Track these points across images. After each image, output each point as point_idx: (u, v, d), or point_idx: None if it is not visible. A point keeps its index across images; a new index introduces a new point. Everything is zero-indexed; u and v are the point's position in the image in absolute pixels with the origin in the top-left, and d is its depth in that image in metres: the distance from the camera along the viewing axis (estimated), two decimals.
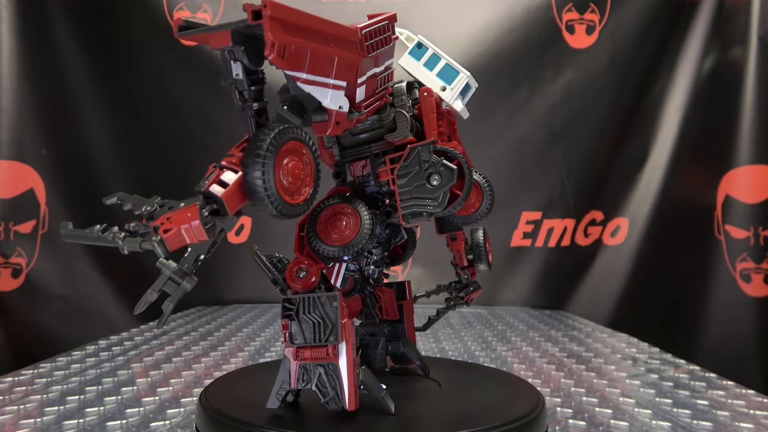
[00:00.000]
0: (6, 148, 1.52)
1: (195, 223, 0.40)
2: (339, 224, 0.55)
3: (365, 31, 0.50)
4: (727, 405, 0.74)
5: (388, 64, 0.56)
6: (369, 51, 0.50)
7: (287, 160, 0.43)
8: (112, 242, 0.40)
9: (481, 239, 0.75)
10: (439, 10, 1.65)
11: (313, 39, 0.44)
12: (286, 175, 0.43)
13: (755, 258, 1.58)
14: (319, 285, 0.54)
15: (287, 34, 0.41)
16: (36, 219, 1.55)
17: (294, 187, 0.44)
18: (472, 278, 0.77)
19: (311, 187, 0.46)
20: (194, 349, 1.03)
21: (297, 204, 0.44)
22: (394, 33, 0.55)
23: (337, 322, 0.51)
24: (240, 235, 1.66)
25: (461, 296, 0.76)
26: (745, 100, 1.58)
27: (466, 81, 0.62)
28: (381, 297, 0.72)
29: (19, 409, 0.68)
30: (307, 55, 0.44)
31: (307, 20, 0.44)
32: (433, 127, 0.58)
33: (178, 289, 0.46)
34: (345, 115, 0.50)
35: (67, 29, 1.56)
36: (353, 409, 0.52)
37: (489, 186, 0.66)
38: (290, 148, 0.44)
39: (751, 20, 1.58)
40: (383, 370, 0.70)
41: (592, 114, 1.65)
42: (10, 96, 1.52)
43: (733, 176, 1.60)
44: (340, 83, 0.48)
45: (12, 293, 1.52)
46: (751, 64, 1.58)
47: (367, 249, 0.55)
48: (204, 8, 1.63)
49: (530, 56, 1.64)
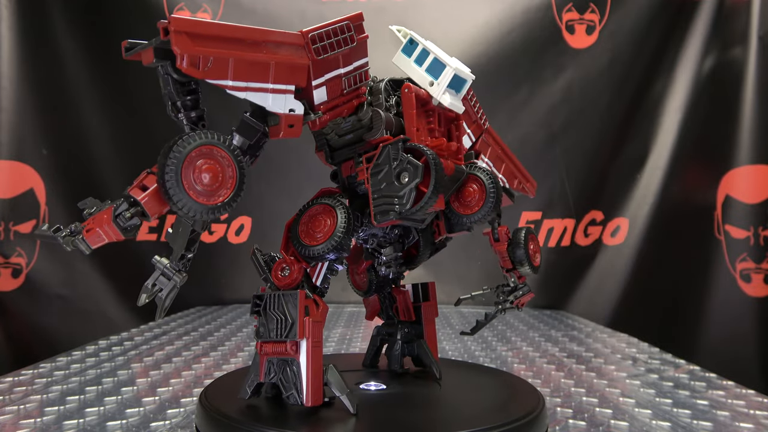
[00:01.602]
0: (6, 148, 1.52)
1: (110, 224, 0.44)
2: (319, 224, 0.56)
3: (312, 35, 0.51)
4: (727, 405, 0.74)
5: (359, 64, 0.56)
6: (320, 53, 0.52)
7: (201, 164, 0.45)
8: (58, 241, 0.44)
9: (521, 239, 0.71)
10: (439, 10, 1.65)
11: (234, 48, 0.47)
12: (199, 178, 0.45)
13: (755, 258, 1.58)
14: (301, 283, 0.55)
15: (197, 45, 0.44)
16: (36, 219, 1.55)
17: (210, 189, 0.45)
18: (519, 281, 0.72)
19: (232, 190, 0.47)
20: (194, 349, 1.03)
21: (214, 205, 0.46)
22: (362, 32, 0.55)
23: (296, 320, 0.53)
24: (240, 235, 1.66)
25: (510, 300, 0.72)
26: (745, 100, 1.58)
27: (453, 74, 0.59)
28: (397, 297, 0.71)
29: (19, 409, 0.68)
30: (229, 64, 0.46)
31: (225, 31, 0.47)
32: (411, 123, 0.57)
33: (169, 284, 0.50)
34: (299, 117, 0.51)
35: (67, 29, 1.56)
36: (310, 405, 0.53)
37: (493, 184, 0.64)
38: (204, 153, 0.45)
39: (751, 20, 1.58)
40: (398, 370, 0.70)
41: (592, 114, 1.65)
42: (10, 96, 1.52)
43: (733, 176, 1.61)
44: (284, 87, 0.50)
45: (12, 293, 1.52)
46: (751, 64, 1.58)
47: (343, 248, 0.55)
48: (204, 8, 1.63)
49: (530, 56, 1.64)
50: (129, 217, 0.44)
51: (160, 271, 0.50)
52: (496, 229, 0.71)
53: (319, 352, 0.54)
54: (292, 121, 0.51)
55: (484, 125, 0.70)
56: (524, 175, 0.78)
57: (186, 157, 0.44)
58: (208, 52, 0.45)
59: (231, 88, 0.47)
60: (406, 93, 0.58)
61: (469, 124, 0.68)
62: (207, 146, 0.45)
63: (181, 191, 0.44)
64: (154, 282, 0.50)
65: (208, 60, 0.45)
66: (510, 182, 0.75)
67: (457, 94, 0.62)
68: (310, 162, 0.66)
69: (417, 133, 0.57)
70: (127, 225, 0.45)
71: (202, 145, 0.45)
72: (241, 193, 0.47)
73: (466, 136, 0.68)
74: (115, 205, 0.45)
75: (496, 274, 0.74)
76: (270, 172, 1.62)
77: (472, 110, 0.68)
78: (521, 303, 0.73)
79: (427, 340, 0.71)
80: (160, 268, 0.50)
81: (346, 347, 1.07)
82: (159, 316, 0.51)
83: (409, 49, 0.60)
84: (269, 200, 1.62)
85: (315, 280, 0.57)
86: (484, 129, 0.71)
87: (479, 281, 1.67)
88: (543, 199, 1.66)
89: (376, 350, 0.74)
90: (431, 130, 0.59)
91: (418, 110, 0.59)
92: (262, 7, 1.62)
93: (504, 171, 0.75)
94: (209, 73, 0.46)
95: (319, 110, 0.54)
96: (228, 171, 0.46)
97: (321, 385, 0.54)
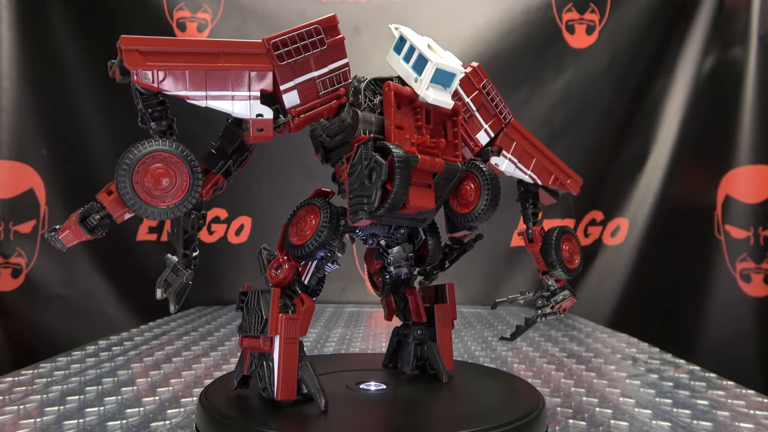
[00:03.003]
0: (6, 148, 1.52)
1: (76, 225, 0.50)
2: (306, 223, 0.58)
3: (274, 41, 0.53)
4: (727, 405, 0.74)
5: (336, 66, 0.57)
6: (283, 59, 0.54)
7: (153, 169, 0.49)
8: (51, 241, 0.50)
9: (552, 240, 0.67)
10: (439, 10, 1.65)
11: (188, 60, 0.50)
12: (152, 182, 0.49)
13: (755, 258, 1.58)
14: (293, 281, 0.57)
15: (148, 61, 0.49)
16: (36, 219, 1.55)
17: (163, 193, 0.50)
18: (558, 285, 0.69)
19: (185, 192, 0.50)
20: (194, 349, 1.03)
21: (167, 207, 0.50)
22: (335, 35, 0.56)
23: (268, 316, 0.55)
24: (240, 235, 1.66)
25: (550, 305, 0.68)
26: (745, 100, 1.58)
27: (435, 69, 0.57)
28: (409, 298, 0.70)
29: (19, 409, 0.68)
30: (185, 75, 0.50)
31: (177, 45, 0.51)
32: (390, 121, 0.57)
33: (177, 279, 0.54)
34: (268, 121, 0.54)
35: (67, 29, 1.56)
36: (280, 399, 0.55)
37: (488, 183, 0.61)
38: (158, 158, 0.49)
39: (751, 20, 1.58)
40: (409, 371, 0.69)
41: (592, 114, 1.65)
42: (10, 96, 1.52)
43: (733, 176, 1.61)
44: (248, 93, 0.53)
45: (12, 293, 1.52)
46: (751, 64, 1.58)
47: (328, 246, 0.57)
48: (204, 8, 1.63)
49: (530, 56, 1.64)
50: (99, 219, 0.50)
51: (170, 268, 0.55)
52: (530, 228, 0.68)
53: (293, 349, 0.55)
54: (260, 125, 0.54)
55: (505, 119, 0.68)
56: (563, 170, 0.74)
57: (136, 163, 0.48)
58: (159, 66, 0.49)
59: (190, 98, 0.51)
60: (386, 91, 0.58)
61: (487, 119, 0.67)
62: (158, 152, 0.49)
63: (134, 195, 0.48)
64: (166, 278, 0.55)
65: (160, 74, 0.50)
66: (544, 179, 0.71)
67: (446, 89, 0.59)
68: (310, 162, 0.66)
69: (400, 132, 0.57)
70: (96, 226, 0.50)
71: (153, 151, 0.49)
72: (194, 194, 0.50)
73: (483, 132, 0.66)
74: (82, 209, 0.50)
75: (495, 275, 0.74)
76: (270, 172, 1.62)
77: (489, 104, 0.67)
78: (562, 309, 0.69)
79: (439, 344, 0.69)
80: (170, 265, 0.55)
81: (346, 347, 1.07)
82: (173, 310, 0.55)
83: (399, 47, 0.59)
84: (269, 200, 1.62)
85: (304, 278, 0.59)
86: (506, 123, 0.68)
87: (479, 281, 1.67)
88: None
89: (393, 351, 0.73)
90: (418, 127, 0.58)
91: (405, 108, 0.58)
92: (261, 7, 1.62)
93: (534, 167, 0.70)
94: (164, 85, 0.50)
95: (290, 113, 0.55)
96: (181, 175, 0.50)
97: (294, 380, 0.55)
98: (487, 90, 0.67)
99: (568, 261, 0.68)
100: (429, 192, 0.58)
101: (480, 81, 0.67)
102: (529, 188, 0.73)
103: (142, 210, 0.49)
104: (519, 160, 0.69)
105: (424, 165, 0.56)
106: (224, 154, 0.59)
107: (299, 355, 0.56)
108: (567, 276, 0.68)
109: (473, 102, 0.66)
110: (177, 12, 1.61)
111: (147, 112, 0.53)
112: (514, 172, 0.69)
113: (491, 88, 0.67)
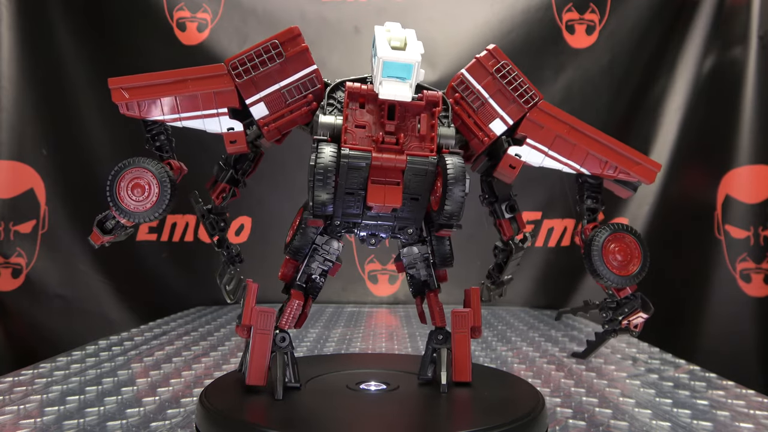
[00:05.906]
0: (6, 148, 1.52)
1: (94, 228, 0.62)
2: (294, 222, 0.63)
3: (232, 62, 0.59)
4: (727, 405, 0.74)
5: (302, 75, 0.60)
6: (241, 76, 0.59)
7: (133, 180, 0.60)
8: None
9: (593, 243, 0.59)
10: (438, 10, 1.65)
11: (162, 90, 0.60)
12: (132, 192, 0.60)
13: (755, 258, 1.58)
14: (293, 278, 0.63)
15: (131, 96, 0.60)
16: (36, 219, 1.55)
17: (139, 200, 0.60)
18: (619, 295, 0.60)
19: (157, 198, 0.60)
20: (194, 349, 1.03)
21: (144, 212, 0.60)
22: (295, 46, 0.59)
23: (243, 307, 0.61)
24: (240, 235, 1.66)
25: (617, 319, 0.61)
26: (745, 100, 1.58)
27: (383, 63, 0.54)
28: (430, 301, 0.66)
29: (19, 409, 0.68)
30: (160, 103, 0.60)
31: (152, 78, 0.60)
32: (344, 122, 0.58)
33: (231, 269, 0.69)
34: (240, 133, 0.61)
35: (67, 29, 1.56)
36: (249, 384, 0.59)
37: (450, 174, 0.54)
38: (135, 174, 0.60)
39: (751, 20, 1.58)
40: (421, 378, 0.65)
41: (591, 114, 1.65)
42: (10, 96, 1.52)
43: (733, 176, 1.60)
44: (215, 111, 0.60)
45: (12, 293, 1.52)
46: (751, 64, 1.58)
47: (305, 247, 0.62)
48: (204, 8, 1.63)
49: (530, 56, 1.64)
50: (114, 223, 0.62)
51: (222, 263, 0.68)
52: (584, 227, 0.61)
53: (264, 339, 0.60)
54: (232, 137, 0.61)
55: (527, 104, 0.62)
56: (626, 156, 0.63)
57: (118, 179, 0.59)
58: (140, 98, 0.60)
59: (168, 121, 0.61)
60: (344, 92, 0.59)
61: (504, 105, 0.61)
62: (136, 168, 0.60)
63: (118, 203, 0.59)
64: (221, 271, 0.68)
65: (141, 104, 0.60)
66: (592, 168, 0.63)
67: (405, 81, 0.55)
68: None
69: (360, 131, 0.58)
70: (112, 228, 0.62)
71: (132, 167, 0.60)
72: (165, 200, 0.60)
73: (498, 121, 0.62)
74: (100, 215, 0.62)
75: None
76: (271, 172, 1.62)
77: (506, 89, 0.62)
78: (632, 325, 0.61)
79: (454, 350, 0.64)
80: (222, 260, 0.68)
81: (346, 347, 1.07)
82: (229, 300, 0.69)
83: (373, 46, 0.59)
84: (269, 200, 1.62)
85: (296, 275, 0.63)
86: (528, 108, 0.62)
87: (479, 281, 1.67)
88: (543, 199, 1.66)
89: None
90: (382, 124, 0.57)
91: (371, 105, 0.58)
92: (261, 7, 1.62)
93: (575, 154, 0.62)
94: (146, 113, 0.61)
95: (259, 124, 0.61)
96: (153, 186, 0.60)
97: (263, 368, 0.59)
98: (503, 73, 0.61)
99: (617, 266, 0.60)
100: (395, 189, 0.57)
101: (494, 64, 0.62)
102: (585, 180, 0.66)
103: (125, 215, 0.59)
104: (551, 147, 0.62)
105: (380, 162, 0.56)
106: (228, 164, 0.67)
107: (280, 346, 0.60)
108: (618, 285, 0.60)
109: (486, 89, 0.61)
110: (177, 12, 1.60)
111: (147, 137, 0.64)
112: (544, 162, 0.62)
113: (511, 69, 0.61)
